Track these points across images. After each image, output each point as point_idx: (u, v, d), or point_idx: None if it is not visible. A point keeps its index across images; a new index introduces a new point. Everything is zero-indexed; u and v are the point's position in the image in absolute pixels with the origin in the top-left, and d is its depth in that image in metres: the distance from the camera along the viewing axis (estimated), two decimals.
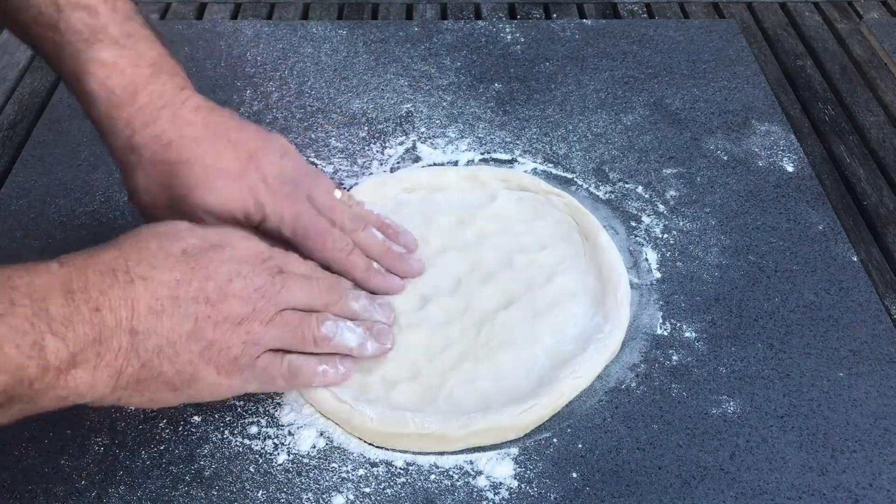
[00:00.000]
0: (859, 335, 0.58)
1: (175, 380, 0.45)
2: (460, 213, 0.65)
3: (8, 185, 0.69)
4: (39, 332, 0.39)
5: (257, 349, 0.48)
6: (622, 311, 0.58)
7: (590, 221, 0.64)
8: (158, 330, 0.44)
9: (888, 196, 0.72)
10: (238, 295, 0.47)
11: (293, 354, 0.50)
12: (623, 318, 0.58)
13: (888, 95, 0.83)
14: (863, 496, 0.50)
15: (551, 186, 0.68)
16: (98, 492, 0.49)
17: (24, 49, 0.86)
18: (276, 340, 0.49)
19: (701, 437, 0.52)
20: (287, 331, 0.49)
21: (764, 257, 0.64)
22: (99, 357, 0.42)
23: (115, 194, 0.68)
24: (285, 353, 0.50)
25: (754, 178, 0.71)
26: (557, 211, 0.65)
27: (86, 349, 0.41)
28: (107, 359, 0.42)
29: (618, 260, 0.61)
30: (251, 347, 0.47)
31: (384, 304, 0.56)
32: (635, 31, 0.88)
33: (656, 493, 0.50)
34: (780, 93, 0.83)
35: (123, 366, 0.43)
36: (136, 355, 0.43)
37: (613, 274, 0.60)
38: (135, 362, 0.44)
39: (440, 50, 0.85)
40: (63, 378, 0.41)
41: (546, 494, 0.49)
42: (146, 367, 0.44)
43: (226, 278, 0.46)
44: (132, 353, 0.43)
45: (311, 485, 0.50)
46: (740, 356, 0.57)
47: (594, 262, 0.61)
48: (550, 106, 0.78)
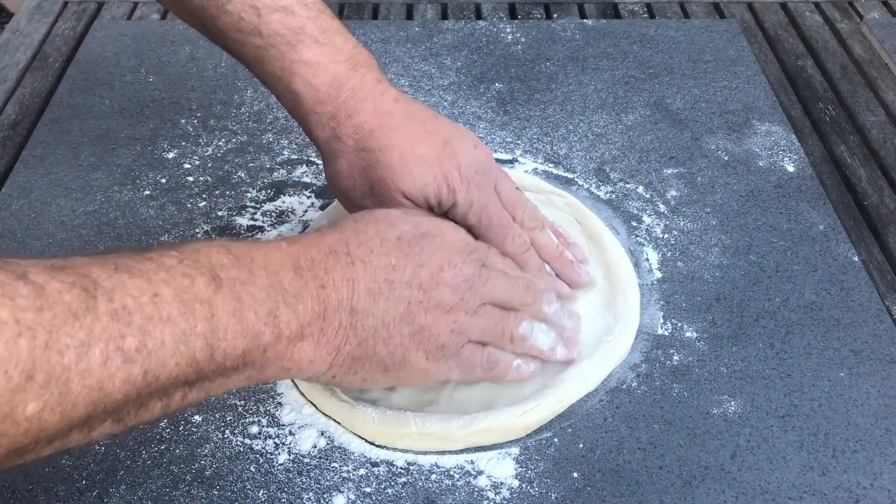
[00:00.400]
0: (860, 335, 0.58)
1: (387, 361, 0.47)
2: None
3: (9, 185, 0.69)
4: (275, 301, 0.41)
5: (462, 339, 0.49)
6: (632, 312, 0.58)
7: (593, 221, 0.64)
8: (374, 311, 0.46)
9: (889, 196, 0.72)
10: (449, 283, 0.48)
11: (491, 347, 0.51)
12: (633, 320, 0.58)
13: (889, 95, 0.83)
14: (864, 496, 0.50)
15: (553, 186, 0.68)
16: (99, 491, 0.49)
17: (24, 49, 0.86)
18: (478, 332, 0.50)
19: (702, 436, 0.52)
20: (489, 325, 0.50)
21: (765, 257, 0.64)
22: (322, 332, 0.44)
23: (116, 194, 0.68)
24: (484, 345, 0.51)
25: (755, 178, 0.71)
26: (559, 211, 0.65)
27: (312, 323, 0.43)
28: (328, 335, 0.45)
29: (624, 259, 0.61)
30: (458, 336, 0.49)
31: (573, 311, 0.57)
32: (636, 31, 0.88)
33: (657, 493, 0.50)
34: (780, 93, 0.83)
35: (342, 343, 0.45)
36: (354, 333, 0.46)
37: (621, 272, 0.60)
38: (353, 340, 0.46)
39: (441, 50, 0.85)
40: (291, 349, 0.43)
41: (547, 494, 0.49)
42: (362, 346, 0.46)
43: (437, 266, 0.48)
44: (350, 331, 0.45)
45: (311, 484, 0.50)
46: (741, 356, 0.57)
47: (601, 262, 0.61)
48: (551, 106, 0.78)
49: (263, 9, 0.54)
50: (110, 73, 0.81)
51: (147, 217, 0.66)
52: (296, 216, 0.67)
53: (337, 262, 0.46)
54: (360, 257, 0.46)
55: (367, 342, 0.46)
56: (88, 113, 0.76)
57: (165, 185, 0.69)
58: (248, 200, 0.68)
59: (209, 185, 0.69)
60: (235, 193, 0.69)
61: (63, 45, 0.87)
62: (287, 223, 0.67)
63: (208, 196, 0.68)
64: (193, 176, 0.70)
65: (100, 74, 0.81)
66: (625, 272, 0.60)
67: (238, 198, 0.68)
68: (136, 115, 0.77)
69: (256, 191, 0.69)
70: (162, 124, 0.76)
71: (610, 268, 0.61)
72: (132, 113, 0.77)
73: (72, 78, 0.81)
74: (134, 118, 0.76)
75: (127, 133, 0.74)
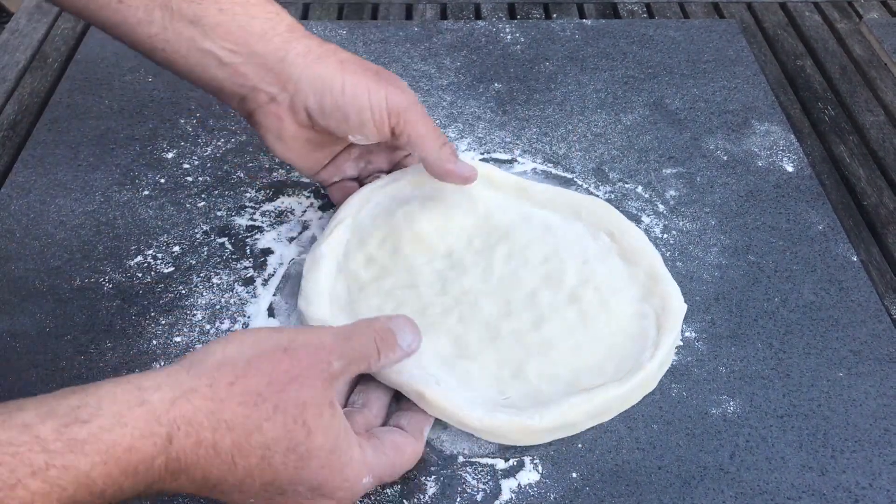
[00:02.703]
0: (859, 335, 0.58)
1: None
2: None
3: (8, 185, 0.69)
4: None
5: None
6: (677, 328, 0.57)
7: (617, 218, 0.63)
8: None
9: (888, 196, 0.72)
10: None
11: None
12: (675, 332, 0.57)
13: (888, 95, 0.83)
14: (863, 496, 0.50)
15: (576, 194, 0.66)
16: None
17: (24, 49, 0.86)
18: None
19: (701, 436, 0.52)
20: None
21: (764, 257, 0.64)
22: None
23: (115, 194, 0.68)
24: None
25: (754, 178, 0.71)
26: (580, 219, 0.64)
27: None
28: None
29: (652, 250, 0.61)
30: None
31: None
32: (635, 31, 0.88)
33: (656, 493, 0.50)
34: (779, 93, 0.83)
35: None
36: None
37: (656, 270, 0.59)
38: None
39: (440, 50, 0.85)
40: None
41: (546, 494, 0.49)
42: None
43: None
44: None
45: None
46: (740, 356, 0.57)
47: (625, 259, 0.61)
48: (550, 106, 0.78)
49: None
50: (110, 72, 0.81)
51: (146, 217, 0.66)
52: (295, 216, 0.67)
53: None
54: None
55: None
56: (88, 113, 0.76)
57: (164, 185, 0.69)
58: (247, 200, 0.68)
59: (208, 185, 0.69)
60: (234, 193, 0.69)
61: (62, 45, 0.87)
62: (286, 223, 0.67)
63: (207, 196, 0.68)
64: (192, 176, 0.70)
65: (99, 74, 0.81)
66: (660, 270, 0.59)
67: (237, 198, 0.68)
68: (136, 115, 0.77)
69: (255, 191, 0.69)
70: (161, 124, 0.76)
71: (636, 259, 0.60)
72: (131, 113, 0.77)
73: (71, 78, 0.81)
74: (133, 118, 0.76)
75: (126, 133, 0.74)
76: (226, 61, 0.56)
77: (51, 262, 0.62)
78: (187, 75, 0.58)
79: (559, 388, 0.53)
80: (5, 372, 0.55)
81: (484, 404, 0.51)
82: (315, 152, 0.62)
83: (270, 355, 0.41)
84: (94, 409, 0.36)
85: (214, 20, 0.55)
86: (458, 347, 0.55)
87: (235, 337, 0.43)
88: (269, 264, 0.63)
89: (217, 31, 0.56)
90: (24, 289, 0.60)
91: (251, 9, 0.57)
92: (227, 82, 0.58)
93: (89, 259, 0.63)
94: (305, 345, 0.43)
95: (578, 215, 0.63)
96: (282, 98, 0.58)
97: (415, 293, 0.58)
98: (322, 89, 0.57)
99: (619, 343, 0.56)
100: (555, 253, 0.60)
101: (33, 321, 0.58)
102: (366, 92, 0.57)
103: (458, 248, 0.61)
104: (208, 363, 0.40)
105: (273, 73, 0.57)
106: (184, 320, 0.59)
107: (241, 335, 0.43)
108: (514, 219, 0.63)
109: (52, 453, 0.34)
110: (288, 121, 0.59)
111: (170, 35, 0.55)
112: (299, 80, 0.57)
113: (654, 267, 0.59)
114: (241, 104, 0.59)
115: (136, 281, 0.61)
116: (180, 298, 0.60)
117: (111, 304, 0.60)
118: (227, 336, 0.43)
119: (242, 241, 0.65)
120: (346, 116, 0.58)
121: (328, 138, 0.61)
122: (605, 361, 0.55)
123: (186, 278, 0.62)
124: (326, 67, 0.58)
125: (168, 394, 0.37)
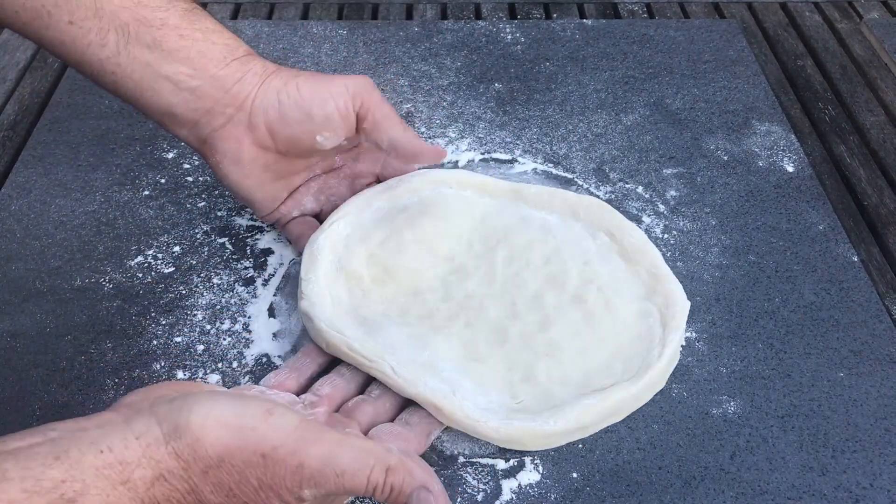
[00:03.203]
0: (860, 335, 0.58)
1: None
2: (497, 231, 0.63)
3: (8, 185, 0.69)
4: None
5: None
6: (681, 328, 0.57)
7: (615, 217, 0.63)
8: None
9: (889, 196, 0.72)
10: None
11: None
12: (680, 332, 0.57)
13: (888, 95, 0.83)
14: (863, 496, 0.50)
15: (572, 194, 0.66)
16: None
17: (24, 49, 0.86)
18: None
19: (701, 437, 0.52)
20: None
21: (764, 257, 0.64)
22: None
23: (115, 194, 0.68)
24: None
25: (754, 179, 0.71)
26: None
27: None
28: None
29: (652, 248, 0.60)
30: None
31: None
32: (635, 31, 0.88)
33: (656, 493, 0.50)
34: (780, 93, 0.83)
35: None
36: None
37: (657, 268, 0.59)
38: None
39: (440, 50, 0.85)
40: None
41: (546, 494, 0.49)
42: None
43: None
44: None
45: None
46: (740, 356, 0.57)
47: (626, 258, 0.61)
48: (550, 106, 0.78)
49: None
50: None
51: (146, 217, 0.66)
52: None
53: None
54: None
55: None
56: (88, 113, 0.76)
57: (165, 185, 0.69)
58: None
59: (209, 185, 0.69)
60: None
61: None
62: None
63: (208, 196, 0.68)
64: (193, 176, 0.70)
65: None
66: (664, 273, 0.59)
67: None
68: (136, 115, 0.76)
69: None
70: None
71: (637, 258, 0.60)
72: (132, 113, 0.77)
73: (71, 78, 0.81)
74: (133, 118, 0.76)
75: (126, 133, 0.74)
76: (182, 86, 0.55)
77: (51, 262, 0.62)
78: (135, 101, 0.56)
79: (570, 389, 0.53)
80: (5, 372, 0.55)
81: (498, 411, 0.51)
82: (274, 182, 0.61)
83: (248, 455, 0.40)
84: (80, 487, 0.36)
85: (174, 45, 0.54)
86: (468, 350, 0.55)
87: (221, 405, 0.41)
88: (270, 264, 0.63)
89: (176, 55, 0.55)
90: (24, 289, 0.60)
91: (210, 35, 0.56)
92: (180, 107, 0.56)
93: (90, 259, 0.63)
94: (285, 459, 0.41)
95: (576, 215, 0.63)
96: (239, 118, 0.57)
97: (419, 299, 0.58)
98: (279, 95, 0.57)
99: (626, 343, 0.56)
100: (556, 254, 0.60)
101: (34, 321, 0.58)
102: (325, 84, 0.58)
103: (458, 252, 0.61)
104: (184, 441, 0.39)
105: (230, 94, 0.56)
106: (184, 320, 0.59)
107: (229, 403, 0.41)
108: (512, 221, 0.63)
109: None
110: (247, 142, 0.58)
111: (122, 59, 0.54)
112: (256, 95, 0.57)
113: (655, 265, 0.59)
114: (194, 130, 0.58)
115: (137, 281, 0.61)
116: (181, 298, 0.60)
117: (111, 304, 0.60)
118: (214, 399, 0.41)
119: (243, 242, 0.65)
120: (309, 114, 0.57)
121: (288, 165, 0.60)
122: (613, 361, 0.55)
123: (187, 278, 0.62)
124: (281, 78, 0.58)
125: (148, 472, 0.38)
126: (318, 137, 0.59)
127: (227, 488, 0.40)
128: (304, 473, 0.41)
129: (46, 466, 0.36)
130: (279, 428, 0.41)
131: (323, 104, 0.58)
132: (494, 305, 0.57)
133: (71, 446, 0.37)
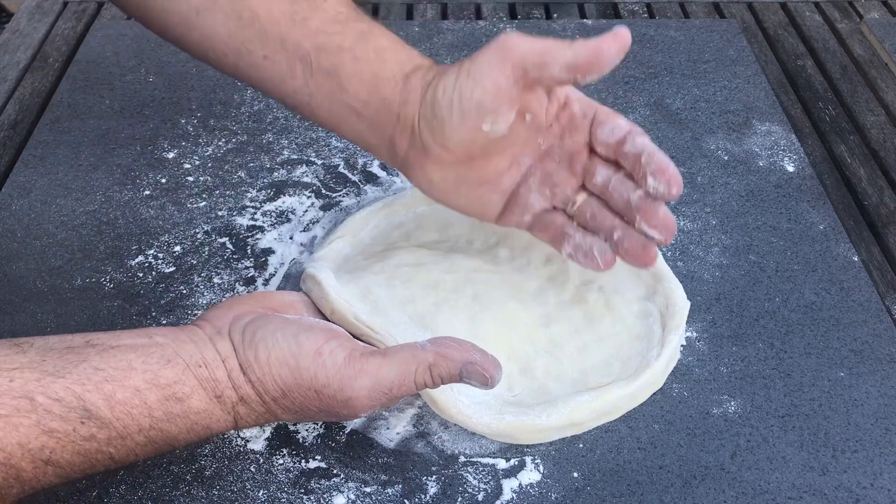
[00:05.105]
0: (860, 335, 0.58)
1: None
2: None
3: (8, 185, 0.69)
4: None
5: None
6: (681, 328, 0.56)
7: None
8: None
9: (889, 196, 0.72)
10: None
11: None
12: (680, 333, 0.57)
13: (889, 95, 0.83)
14: (864, 496, 0.50)
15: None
16: (99, 491, 0.49)
17: (24, 49, 0.86)
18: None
19: (702, 436, 0.52)
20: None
21: (765, 257, 0.64)
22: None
23: (116, 194, 0.68)
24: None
25: (755, 178, 0.71)
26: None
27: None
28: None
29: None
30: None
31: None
32: (636, 31, 0.88)
33: (657, 493, 0.50)
34: (780, 93, 0.83)
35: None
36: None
37: (658, 268, 0.59)
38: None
39: (440, 50, 0.85)
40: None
41: (546, 494, 0.49)
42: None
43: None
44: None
45: (312, 484, 0.50)
46: (741, 356, 0.57)
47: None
48: None
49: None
50: (110, 72, 0.81)
51: (147, 217, 0.66)
52: (296, 216, 0.67)
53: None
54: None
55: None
56: (88, 113, 0.76)
57: (165, 184, 0.69)
58: (248, 200, 0.68)
59: (209, 185, 0.69)
60: (235, 193, 0.69)
61: (63, 45, 0.87)
62: (287, 223, 0.67)
63: (208, 196, 0.68)
64: (193, 176, 0.70)
65: (100, 74, 0.81)
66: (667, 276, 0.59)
67: (238, 198, 0.68)
68: (136, 114, 0.77)
69: (256, 191, 0.69)
70: (162, 124, 0.76)
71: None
72: (132, 113, 0.77)
73: (72, 78, 0.81)
74: (134, 118, 0.76)
75: (127, 133, 0.74)
76: (363, 115, 0.53)
77: (52, 261, 0.62)
78: (335, 128, 0.56)
79: (566, 386, 0.53)
80: None
81: (493, 403, 0.52)
82: (477, 189, 0.54)
83: (304, 391, 0.47)
84: (188, 390, 0.45)
85: (350, 70, 0.52)
86: (475, 326, 0.55)
87: (280, 345, 0.47)
88: (271, 264, 0.63)
89: (351, 80, 0.52)
90: (24, 289, 0.60)
91: (383, 53, 0.53)
92: (372, 137, 0.54)
93: (90, 259, 0.63)
94: (335, 395, 0.47)
95: None
96: (413, 142, 0.53)
97: (423, 269, 0.58)
98: (434, 108, 0.51)
99: (626, 343, 0.56)
100: (556, 253, 0.60)
101: (34, 321, 0.58)
102: (465, 75, 0.50)
103: (459, 246, 0.61)
104: (256, 374, 0.46)
105: (401, 120, 0.53)
106: (185, 320, 0.59)
107: (286, 342, 0.47)
108: None
109: (154, 419, 0.44)
110: (427, 165, 0.53)
111: (312, 89, 0.53)
112: (418, 115, 0.52)
113: (655, 265, 0.59)
114: (392, 159, 0.55)
115: (137, 281, 0.61)
116: (181, 298, 0.60)
117: (112, 303, 0.60)
118: (275, 337, 0.47)
119: (243, 241, 0.65)
120: (461, 110, 0.50)
121: (482, 169, 0.53)
122: (611, 360, 0.55)
123: (187, 278, 0.62)
124: (433, 88, 0.51)
125: (233, 394, 0.46)
126: (484, 128, 0.50)
127: (294, 411, 0.48)
128: (353, 405, 0.47)
129: (161, 366, 0.44)
130: (326, 367, 0.46)
131: (471, 94, 0.49)
132: (502, 286, 0.57)
133: (177, 355, 0.45)
